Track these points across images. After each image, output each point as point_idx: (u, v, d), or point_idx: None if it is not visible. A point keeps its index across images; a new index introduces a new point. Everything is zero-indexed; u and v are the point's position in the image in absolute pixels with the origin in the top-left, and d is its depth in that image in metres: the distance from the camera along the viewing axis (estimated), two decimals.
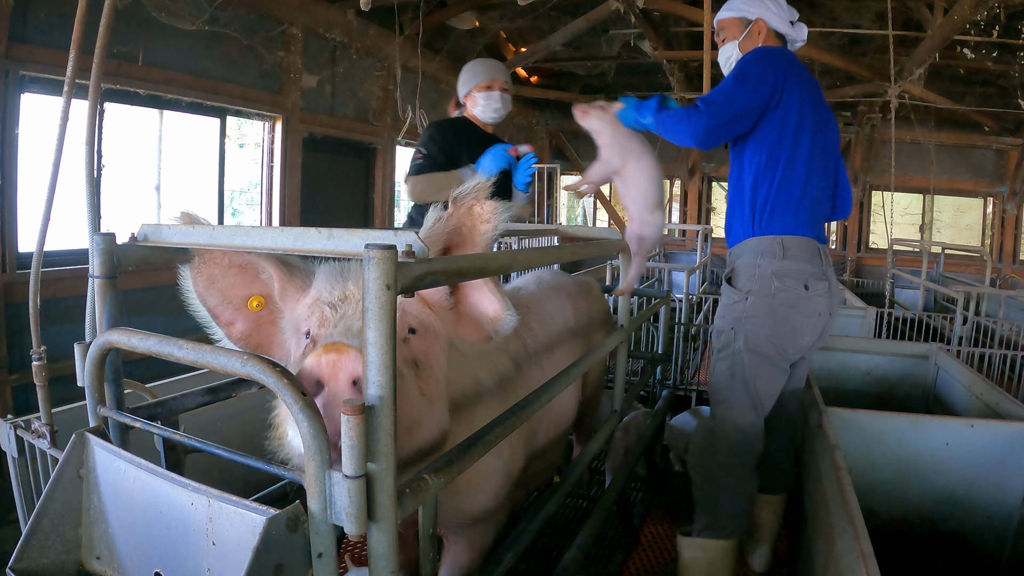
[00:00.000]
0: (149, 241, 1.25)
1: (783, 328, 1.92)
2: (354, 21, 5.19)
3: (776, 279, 1.91)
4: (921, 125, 7.86)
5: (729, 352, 1.98)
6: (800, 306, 1.91)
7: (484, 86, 2.61)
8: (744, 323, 1.95)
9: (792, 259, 1.92)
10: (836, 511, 1.43)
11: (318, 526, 0.85)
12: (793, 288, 1.91)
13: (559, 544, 2.34)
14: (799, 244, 1.94)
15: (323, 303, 1.15)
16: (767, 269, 1.93)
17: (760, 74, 1.88)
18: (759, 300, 1.93)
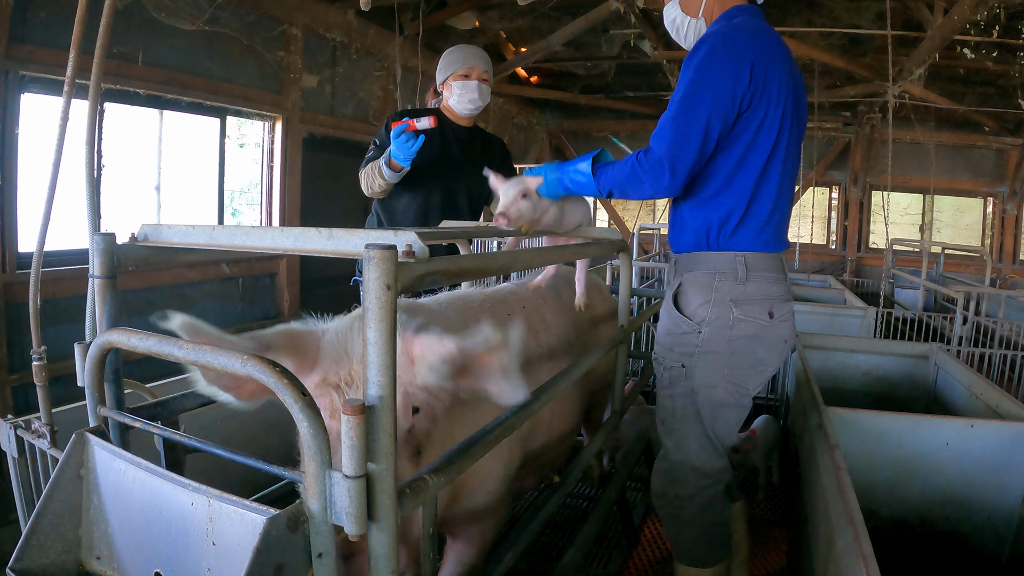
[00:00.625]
0: (149, 241, 1.25)
1: (744, 364, 1.63)
2: (354, 21, 5.19)
3: (736, 307, 1.61)
4: (921, 125, 7.87)
5: (680, 391, 1.69)
6: (764, 336, 1.62)
7: (461, 74, 2.40)
8: (697, 360, 1.64)
9: (756, 281, 1.62)
10: (836, 511, 1.43)
11: (318, 526, 0.85)
12: (755, 317, 1.61)
13: (559, 544, 2.34)
14: (764, 262, 1.63)
15: (330, 386, 1.13)
16: (725, 295, 1.62)
17: (719, 81, 1.50)
18: (715, 333, 1.62)
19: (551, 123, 9.88)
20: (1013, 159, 8.34)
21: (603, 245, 1.88)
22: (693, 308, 1.66)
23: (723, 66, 1.51)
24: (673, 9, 1.74)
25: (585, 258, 1.85)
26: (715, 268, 1.64)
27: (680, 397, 1.69)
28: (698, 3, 1.68)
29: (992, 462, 1.94)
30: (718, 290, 1.63)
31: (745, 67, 1.50)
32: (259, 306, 4.71)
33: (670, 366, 1.71)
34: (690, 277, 1.69)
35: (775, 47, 1.58)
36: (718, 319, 1.62)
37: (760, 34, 1.58)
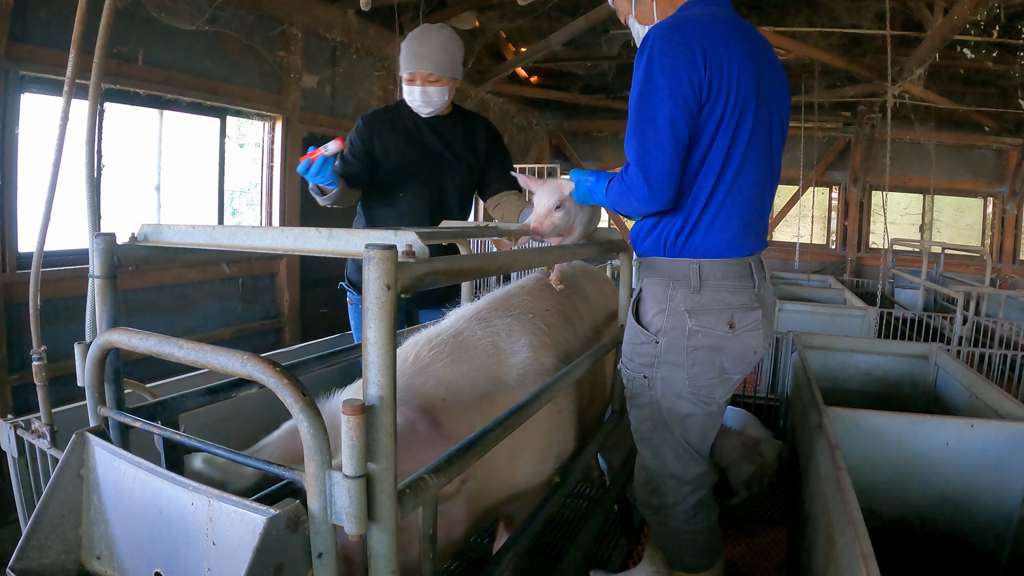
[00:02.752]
0: (149, 241, 1.25)
1: (706, 375, 1.55)
2: (354, 21, 5.19)
3: (691, 318, 1.52)
4: (921, 125, 7.86)
5: (646, 402, 1.63)
6: (725, 348, 1.54)
7: (406, 79, 2.26)
8: (657, 370, 1.58)
9: (711, 290, 1.52)
10: (836, 511, 1.43)
11: (318, 526, 0.85)
12: (712, 328, 1.52)
13: (559, 544, 2.34)
14: (722, 269, 1.53)
15: None
16: (680, 304, 1.54)
17: (672, 70, 1.39)
18: (672, 343, 1.55)
19: (551, 123, 9.88)
20: (1013, 159, 8.34)
21: (603, 245, 1.88)
22: (650, 317, 1.59)
23: (673, 57, 1.39)
24: (633, 26, 1.67)
25: (582, 257, 1.87)
26: (670, 275, 1.56)
27: (646, 407, 1.64)
28: (650, 10, 1.60)
29: (992, 462, 1.94)
30: (672, 299, 1.55)
31: (696, 53, 1.40)
32: (259, 306, 4.71)
33: (632, 376, 1.65)
34: (648, 284, 1.62)
35: (730, 32, 1.46)
36: (674, 329, 1.55)
37: (709, 20, 1.46)
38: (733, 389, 1.62)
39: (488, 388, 1.44)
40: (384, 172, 2.30)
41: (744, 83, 1.44)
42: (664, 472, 1.66)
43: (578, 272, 2.18)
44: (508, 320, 1.64)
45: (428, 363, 1.41)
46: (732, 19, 1.52)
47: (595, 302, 2.10)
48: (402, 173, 2.29)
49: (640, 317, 1.62)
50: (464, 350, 1.49)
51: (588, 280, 2.20)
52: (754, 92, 1.46)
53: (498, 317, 1.64)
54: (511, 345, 1.58)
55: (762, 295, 1.58)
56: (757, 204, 1.56)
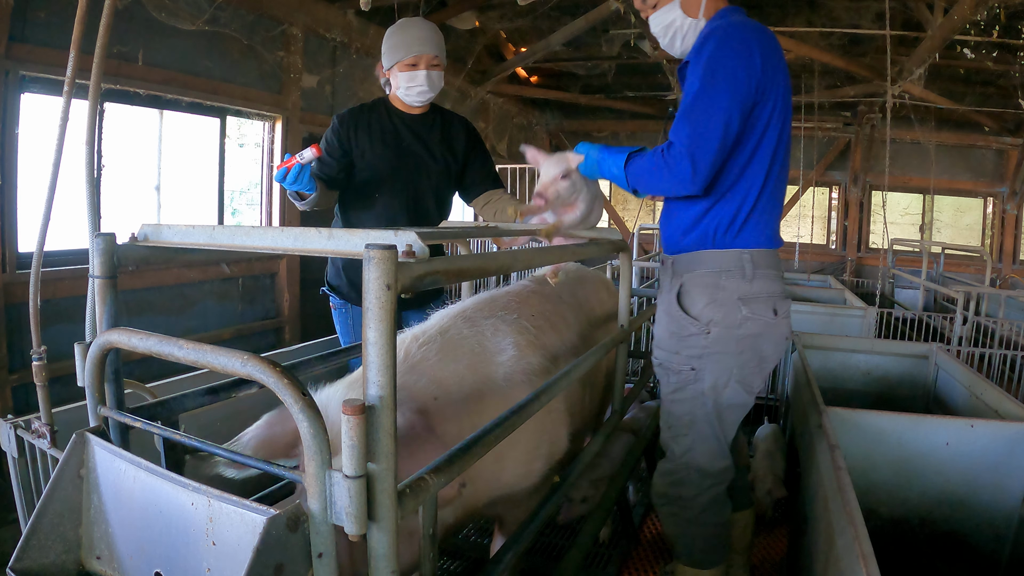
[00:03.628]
0: (149, 241, 1.25)
1: (751, 362, 1.62)
2: (354, 21, 5.19)
3: (744, 306, 1.58)
4: (921, 125, 7.86)
5: (689, 395, 1.66)
6: (768, 334, 1.61)
7: (408, 63, 2.15)
8: (707, 361, 1.62)
9: (762, 279, 1.60)
10: (836, 511, 1.43)
11: (318, 526, 0.85)
12: (762, 315, 1.59)
13: (559, 544, 2.34)
14: (768, 259, 1.61)
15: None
16: (733, 293, 1.59)
17: (733, 71, 1.48)
18: (723, 333, 1.59)
19: (551, 123, 9.89)
20: (1013, 159, 8.34)
21: (603, 245, 1.88)
22: (699, 308, 1.62)
23: (737, 56, 1.48)
24: (672, 11, 1.67)
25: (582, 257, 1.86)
26: (720, 267, 1.60)
27: (689, 401, 1.66)
28: (699, 3, 1.64)
29: (992, 462, 1.94)
30: (725, 289, 1.59)
31: (756, 57, 1.49)
32: (259, 306, 4.71)
33: (678, 369, 1.67)
34: (692, 277, 1.65)
35: (772, 40, 1.57)
36: (725, 318, 1.59)
37: (760, 27, 1.57)
38: (766, 381, 1.70)
39: (477, 387, 1.44)
40: (360, 173, 2.24)
41: (784, 88, 1.56)
42: (692, 465, 1.70)
43: (571, 277, 2.17)
44: (493, 320, 1.63)
45: (418, 360, 1.41)
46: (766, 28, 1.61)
47: (588, 306, 2.08)
48: (377, 174, 2.23)
49: (687, 309, 1.64)
50: (452, 348, 1.48)
51: (581, 285, 2.18)
52: (788, 97, 1.58)
53: (483, 317, 1.63)
54: (497, 344, 1.57)
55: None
56: (782, 200, 1.68)
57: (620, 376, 2.06)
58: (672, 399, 1.72)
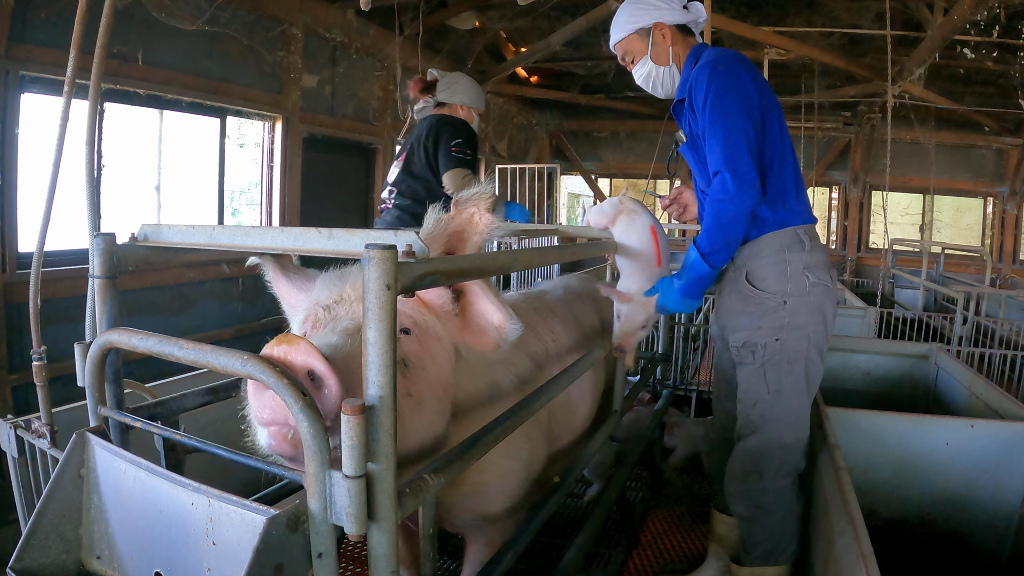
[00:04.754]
0: (149, 241, 1.25)
1: (821, 327, 1.76)
2: (354, 21, 5.19)
3: (809, 273, 1.73)
4: (921, 125, 7.86)
5: (774, 365, 1.75)
6: (829, 298, 1.76)
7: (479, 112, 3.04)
8: (788, 331, 1.73)
9: (817, 249, 1.77)
10: (836, 511, 1.44)
11: (318, 526, 0.85)
12: (824, 280, 1.75)
13: (559, 544, 2.34)
14: (815, 232, 1.81)
15: (319, 306, 1.17)
16: (798, 265, 1.73)
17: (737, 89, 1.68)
18: (798, 303, 1.73)
19: (551, 123, 9.88)
20: (1013, 159, 8.34)
21: (603, 245, 1.88)
22: (773, 285, 1.75)
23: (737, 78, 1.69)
24: (645, 65, 1.92)
25: (582, 257, 1.86)
26: (782, 245, 1.75)
27: (773, 371, 1.76)
28: (667, 53, 1.89)
29: (992, 462, 1.94)
30: (791, 263, 1.74)
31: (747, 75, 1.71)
32: (259, 306, 4.71)
33: (764, 343, 1.77)
34: (758, 261, 1.78)
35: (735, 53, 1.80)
36: (796, 288, 1.73)
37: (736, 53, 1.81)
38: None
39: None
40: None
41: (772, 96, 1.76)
42: (776, 441, 1.76)
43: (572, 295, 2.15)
44: None
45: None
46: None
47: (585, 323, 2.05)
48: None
49: (757, 285, 1.78)
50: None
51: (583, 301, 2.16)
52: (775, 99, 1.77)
53: None
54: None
55: None
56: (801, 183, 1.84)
57: (620, 376, 2.06)
58: (757, 375, 1.79)
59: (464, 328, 1.24)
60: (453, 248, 1.17)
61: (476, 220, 1.15)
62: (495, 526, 1.53)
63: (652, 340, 3.97)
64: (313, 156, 5.14)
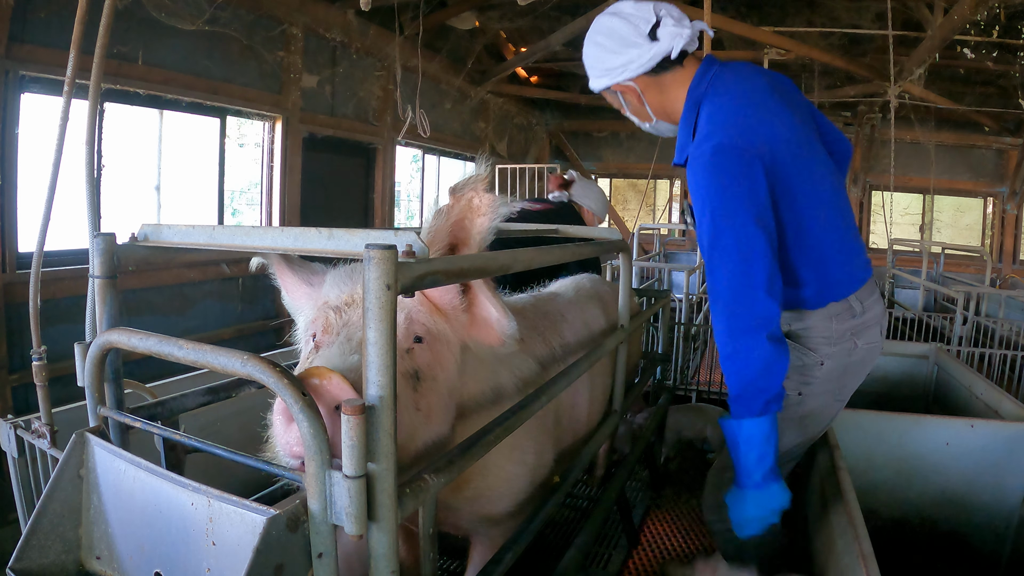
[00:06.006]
0: (149, 241, 1.25)
1: (852, 381, 1.62)
2: (354, 21, 5.19)
3: (856, 337, 1.56)
4: (921, 125, 7.86)
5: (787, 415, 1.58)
6: (873, 356, 1.62)
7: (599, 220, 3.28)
8: (813, 387, 1.59)
9: (870, 308, 1.57)
10: (836, 511, 1.43)
11: (318, 526, 0.85)
12: (874, 340, 1.59)
13: (559, 544, 2.34)
14: (869, 288, 1.60)
15: (329, 307, 1.16)
16: (846, 330, 1.55)
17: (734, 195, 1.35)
18: (836, 363, 1.57)
19: (551, 123, 9.88)
20: (1013, 159, 8.34)
21: (603, 245, 1.88)
22: (813, 343, 1.57)
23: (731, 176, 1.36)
24: (633, 117, 1.63)
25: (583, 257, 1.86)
26: (829, 315, 1.54)
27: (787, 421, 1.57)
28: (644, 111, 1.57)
29: (992, 462, 1.94)
30: (836, 330, 1.55)
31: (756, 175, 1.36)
32: (259, 306, 4.71)
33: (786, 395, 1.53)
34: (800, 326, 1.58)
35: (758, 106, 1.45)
36: (839, 352, 1.56)
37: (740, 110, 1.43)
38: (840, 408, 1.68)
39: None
40: None
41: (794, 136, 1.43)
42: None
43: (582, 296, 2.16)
44: None
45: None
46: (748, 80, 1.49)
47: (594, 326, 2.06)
48: None
49: (802, 342, 1.59)
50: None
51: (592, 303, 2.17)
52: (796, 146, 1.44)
53: None
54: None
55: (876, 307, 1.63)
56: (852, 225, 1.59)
57: (620, 377, 2.06)
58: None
59: (471, 323, 1.24)
60: (458, 238, 1.16)
61: (476, 204, 1.12)
62: (499, 528, 1.53)
63: (652, 340, 3.97)
64: (313, 156, 5.14)
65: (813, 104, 1.68)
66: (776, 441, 1.39)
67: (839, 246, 1.52)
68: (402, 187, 7.06)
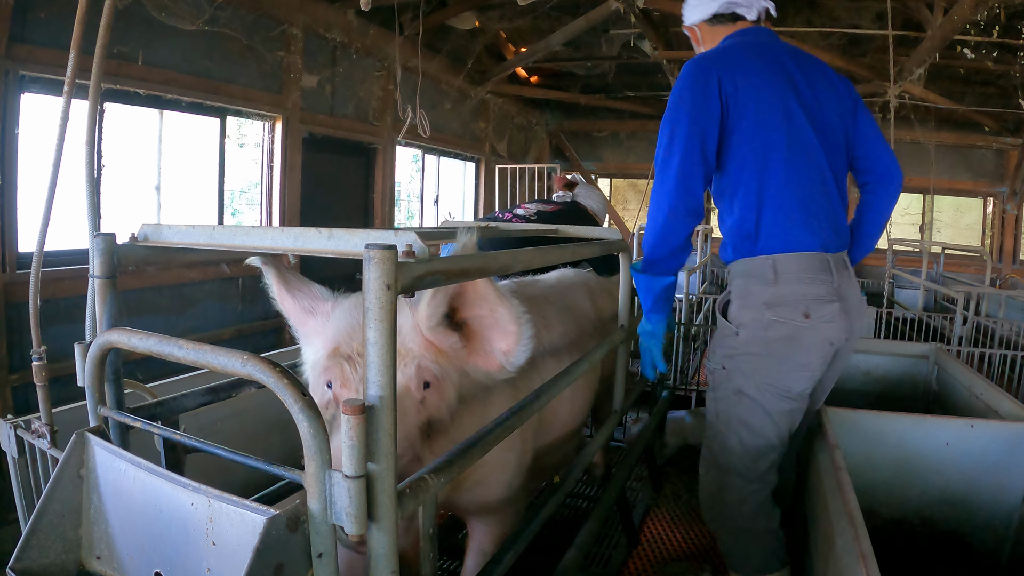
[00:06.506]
0: (149, 241, 1.25)
1: (784, 365, 1.63)
2: (354, 21, 5.19)
3: (768, 309, 1.62)
4: (921, 125, 7.86)
5: (722, 395, 1.72)
6: (802, 338, 1.61)
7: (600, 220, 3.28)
8: (736, 361, 1.68)
9: (787, 283, 1.61)
10: (836, 511, 1.43)
11: (318, 526, 0.85)
12: (790, 319, 1.60)
13: (559, 544, 2.34)
14: (797, 263, 1.62)
15: (342, 357, 1.18)
16: (758, 298, 1.64)
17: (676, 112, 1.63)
18: (751, 335, 1.65)
19: (551, 123, 9.88)
20: (1013, 159, 8.34)
21: (603, 245, 1.88)
22: (733, 312, 1.71)
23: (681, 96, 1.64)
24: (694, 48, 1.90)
25: (583, 257, 1.86)
26: (748, 273, 1.67)
27: (722, 400, 1.72)
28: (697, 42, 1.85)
29: (992, 462, 1.94)
30: (752, 294, 1.66)
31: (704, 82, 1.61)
32: (259, 306, 4.71)
33: (713, 368, 1.76)
34: (733, 285, 1.75)
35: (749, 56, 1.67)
36: (752, 322, 1.65)
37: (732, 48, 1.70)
38: (812, 382, 1.69)
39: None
40: None
41: (770, 95, 1.62)
42: (730, 469, 1.73)
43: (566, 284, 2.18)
44: None
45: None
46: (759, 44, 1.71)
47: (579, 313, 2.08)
48: None
49: (726, 313, 1.75)
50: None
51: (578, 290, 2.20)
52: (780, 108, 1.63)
53: None
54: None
55: (843, 290, 1.65)
56: (820, 200, 1.67)
57: (620, 376, 2.06)
58: (709, 397, 1.79)
59: (471, 353, 1.28)
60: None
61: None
62: (497, 515, 1.57)
63: None
64: (313, 156, 5.14)
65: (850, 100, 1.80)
66: (656, 293, 1.78)
67: (779, 201, 1.63)
68: (402, 187, 7.06)
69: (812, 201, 1.65)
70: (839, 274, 1.66)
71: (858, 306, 1.71)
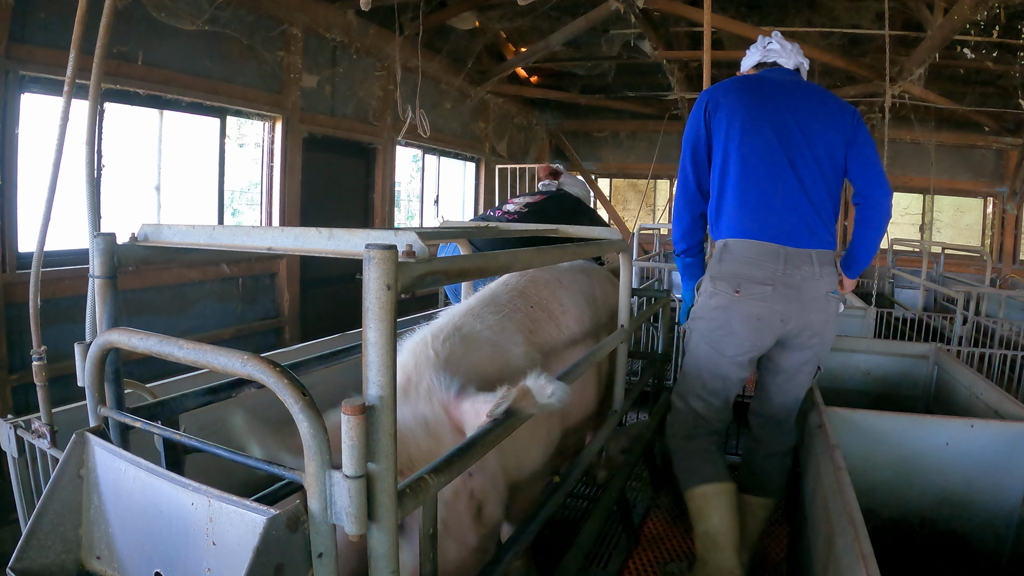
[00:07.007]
0: (149, 241, 1.25)
1: (719, 330, 2.00)
2: (354, 21, 5.19)
3: (711, 282, 2.01)
4: (921, 125, 7.86)
5: (688, 346, 2.14)
6: (732, 309, 1.96)
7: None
8: (695, 322, 2.10)
9: (729, 262, 1.97)
10: (836, 511, 1.43)
11: (318, 526, 0.85)
12: (723, 292, 1.97)
13: (559, 544, 2.34)
14: (743, 247, 1.96)
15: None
16: (709, 272, 2.05)
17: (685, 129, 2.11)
18: (702, 302, 2.06)
19: (551, 123, 9.88)
20: (1013, 159, 8.34)
21: (603, 245, 1.88)
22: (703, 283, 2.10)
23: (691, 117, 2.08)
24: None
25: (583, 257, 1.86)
26: (711, 253, 2.06)
27: (688, 349, 2.13)
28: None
29: (992, 462, 1.94)
30: (708, 268, 2.07)
31: (700, 108, 2.04)
32: (259, 306, 4.71)
33: (686, 327, 2.19)
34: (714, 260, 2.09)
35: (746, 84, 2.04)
36: (703, 292, 2.06)
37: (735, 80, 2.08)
38: (745, 351, 2.00)
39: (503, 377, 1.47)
40: None
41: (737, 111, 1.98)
42: (688, 410, 2.12)
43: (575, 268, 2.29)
44: (499, 317, 1.66)
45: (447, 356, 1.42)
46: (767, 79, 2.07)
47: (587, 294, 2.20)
48: None
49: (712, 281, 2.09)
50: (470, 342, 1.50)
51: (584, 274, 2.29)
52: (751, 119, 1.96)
53: (490, 314, 1.66)
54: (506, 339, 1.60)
55: (790, 278, 1.93)
56: (782, 201, 1.96)
57: (620, 376, 2.07)
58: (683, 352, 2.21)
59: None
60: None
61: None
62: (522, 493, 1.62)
63: (652, 340, 3.97)
64: (313, 156, 5.14)
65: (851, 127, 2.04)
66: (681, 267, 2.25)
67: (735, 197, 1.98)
68: (402, 187, 7.05)
69: (768, 200, 1.95)
70: (791, 265, 1.93)
71: (813, 300, 1.96)
